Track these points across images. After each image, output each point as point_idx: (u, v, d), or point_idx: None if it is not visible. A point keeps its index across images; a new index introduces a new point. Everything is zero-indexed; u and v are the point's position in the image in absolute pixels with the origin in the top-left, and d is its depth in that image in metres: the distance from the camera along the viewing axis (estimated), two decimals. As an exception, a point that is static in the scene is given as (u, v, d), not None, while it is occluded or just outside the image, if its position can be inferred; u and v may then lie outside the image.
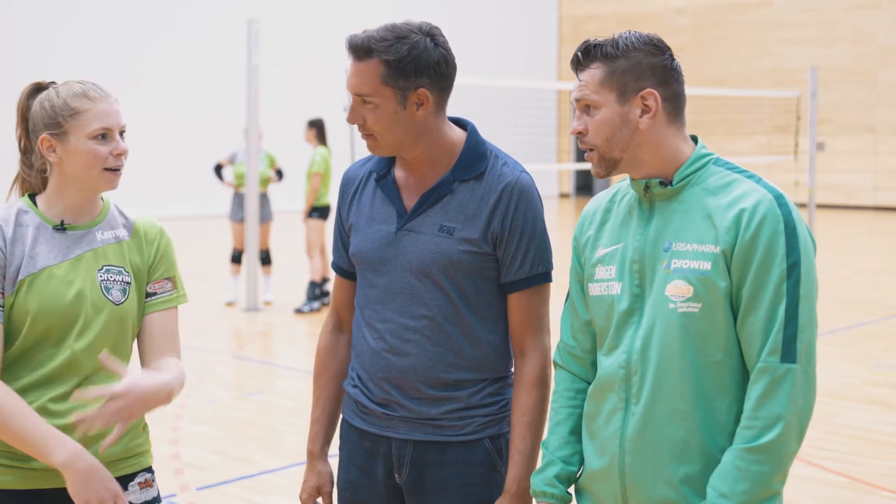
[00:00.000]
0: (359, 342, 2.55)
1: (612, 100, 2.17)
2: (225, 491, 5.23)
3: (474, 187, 2.45)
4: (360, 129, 2.42)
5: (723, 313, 2.10)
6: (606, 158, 2.20)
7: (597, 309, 2.27)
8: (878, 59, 22.80)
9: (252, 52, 10.60)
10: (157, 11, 20.57)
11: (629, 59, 2.16)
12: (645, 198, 2.21)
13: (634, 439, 2.17)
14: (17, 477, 2.40)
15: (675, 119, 2.20)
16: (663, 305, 2.14)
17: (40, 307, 2.38)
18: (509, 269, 2.46)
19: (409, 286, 2.45)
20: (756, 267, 2.07)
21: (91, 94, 2.43)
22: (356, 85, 2.37)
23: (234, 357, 8.70)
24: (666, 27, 25.29)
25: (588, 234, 2.33)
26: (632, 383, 2.18)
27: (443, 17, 21.18)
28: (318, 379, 2.67)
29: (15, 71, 18.41)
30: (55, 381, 2.40)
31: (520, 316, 2.49)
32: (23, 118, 2.49)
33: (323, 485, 2.62)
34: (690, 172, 2.18)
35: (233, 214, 11.12)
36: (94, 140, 2.41)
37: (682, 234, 2.14)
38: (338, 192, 2.65)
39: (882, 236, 18.29)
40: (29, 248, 2.41)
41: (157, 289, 2.54)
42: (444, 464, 2.49)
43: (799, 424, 2.06)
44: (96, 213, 2.51)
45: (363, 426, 2.54)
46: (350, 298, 2.64)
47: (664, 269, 2.15)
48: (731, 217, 2.09)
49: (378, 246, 2.48)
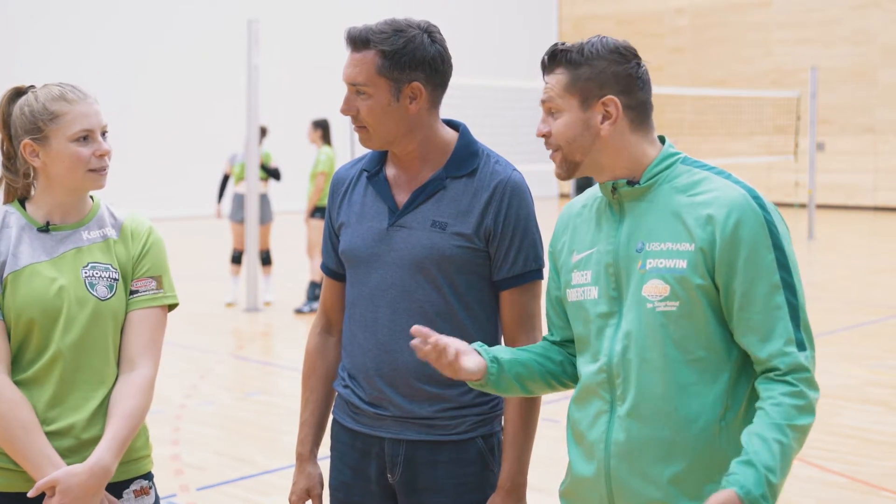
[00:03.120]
0: (350, 341, 2.55)
1: (575, 105, 2.19)
2: (225, 491, 5.23)
3: (466, 184, 2.47)
4: (353, 120, 2.44)
5: (701, 310, 2.11)
6: (568, 161, 2.23)
7: (575, 315, 2.28)
8: (878, 59, 22.80)
9: (252, 52, 10.60)
10: (156, 11, 20.56)
11: (592, 67, 2.18)
12: (613, 199, 2.22)
13: (620, 442, 2.17)
14: (11, 479, 2.40)
15: (640, 126, 2.22)
16: (641, 306, 2.14)
17: (23, 303, 2.38)
18: (502, 267, 2.47)
19: (401, 282, 2.45)
20: (744, 262, 2.08)
21: (69, 96, 2.42)
22: (351, 74, 2.40)
23: (234, 357, 8.70)
24: (666, 27, 25.29)
25: (563, 240, 2.34)
26: (615, 385, 2.18)
27: (443, 17, 21.16)
28: (308, 381, 2.67)
29: (14, 70, 18.40)
30: (41, 380, 2.40)
31: (512, 313, 2.51)
32: (4, 124, 2.48)
33: (312, 487, 2.62)
34: (658, 171, 2.20)
35: (233, 215, 11.12)
36: (76, 142, 2.41)
37: (654, 234, 2.15)
38: (328, 191, 2.66)
39: (882, 236, 18.29)
40: (13, 247, 2.42)
41: (139, 286, 2.51)
42: (437, 463, 2.49)
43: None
44: (84, 213, 2.51)
45: (355, 427, 2.54)
46: (339, 300, 2.64)
47: (639, 269, 2.15)
48: (706, 215, 2.11)
49: (369, 242, 2.48)
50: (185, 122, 20.79)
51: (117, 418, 2.40)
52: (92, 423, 2.42)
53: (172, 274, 2.60)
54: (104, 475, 2.35)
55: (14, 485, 2.40)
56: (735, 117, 22.09)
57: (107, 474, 2.36)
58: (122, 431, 2.39)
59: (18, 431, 2.33)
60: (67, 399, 2.41)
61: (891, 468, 5.56)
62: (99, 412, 2.43)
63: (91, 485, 2.33)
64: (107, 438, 2.38)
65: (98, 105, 2.47)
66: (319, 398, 2.65)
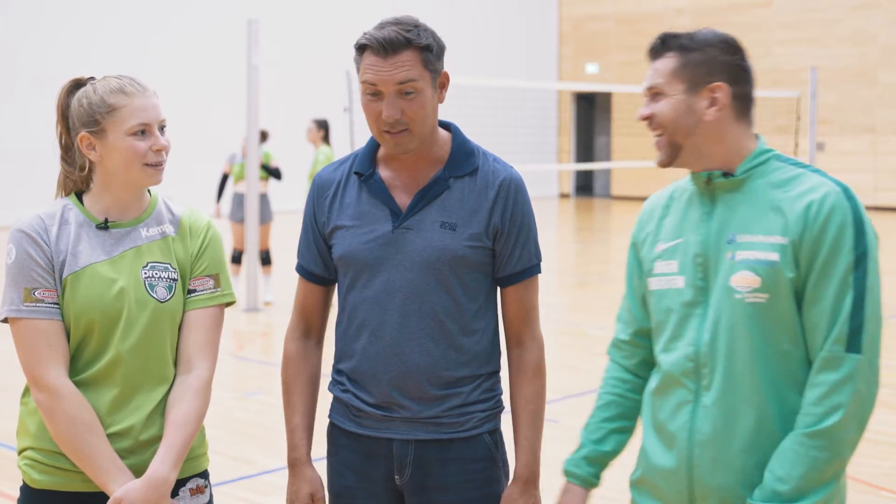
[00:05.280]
0: (351, 346, 2.52)
1: (681, 89, 2.21)
2: (225, 491, 5.23)
3: (469, 183, 2.48)
4: (396, 124, 2.39)
5: (789, 304, 2.13)
6: (671, 143, 2.23)
7: (657, 303, 2.30)
8: (878, 59, 22.79)
9: (252, 52, 10.59)
10: (156, 11, 20.56)
11: (703, 53, 2.21)
12: (707, 190, 2.24)
13: (705, 431, 2.18)
14: (61, 479, 2.39)
15: (742, 117, 2.24)
16: (729, 296, 2.16)
17: (83, 305, 2.35)
18: (508, 263, 2.50)
19: (410, 284, 2.45)
20: (824, 257, 2.09)
21: (128, 89, 2.39)
22: (400, 76, 2.35)
23: (234, 357, 8.70)
24: (666, 27, 25.14)
25: (647, 231, 2.36)
26: (702, 375, 2.19)
27: (443, 17, 21.17)
28: (293, 385, 2.61)
29: (14, 70, 18.43)
30: (100, 383, 2.38)
31: (517, 308, 2.54)
32: (62, 116, 2.45)
33: (316, 490, 2.58)
34: (754, 165, 2.22)
35: (232, 214, 11.12)
36: (133, 136, 2.38)
37: (747, 226, 2.17)
38: (309, 197, 2.59)
39: (882, 236, 18.18)
40: (72, 245, 2.38)
41: (197, 286, 2.49)
42: (446, 461, 2.49)
43: (860, 414, 2.09)
44: (142, 209, 2.48)
45: (358, 430, 2.53)
46: (321, 303, 2.62)
47: (729, 259, 2.17)
48: (800, 208, 2.12)
49: (374, 246, 2.46)
50: (184, 121, 20.76)
51: (174, 426, 2.39)
52: (150, 424, 2.41)
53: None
54: (165, 486, 2.35)
55: (72, 485, 2.39)
56: (735, 117, 22.07)
57: (167, 485, 2.35)
58: (179, 439, 2.38)
59: (83, 432, 2.32)
60: (129, 402, 2.40)
61: (891, 468, 5.56)
62: (156, 413, 2.42)
63: (153, 497, 2.32)
64: (164, 448, 2.37)
65: (157, 99, 2.44)
66: (307, 402, 2.62)
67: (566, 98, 27.10)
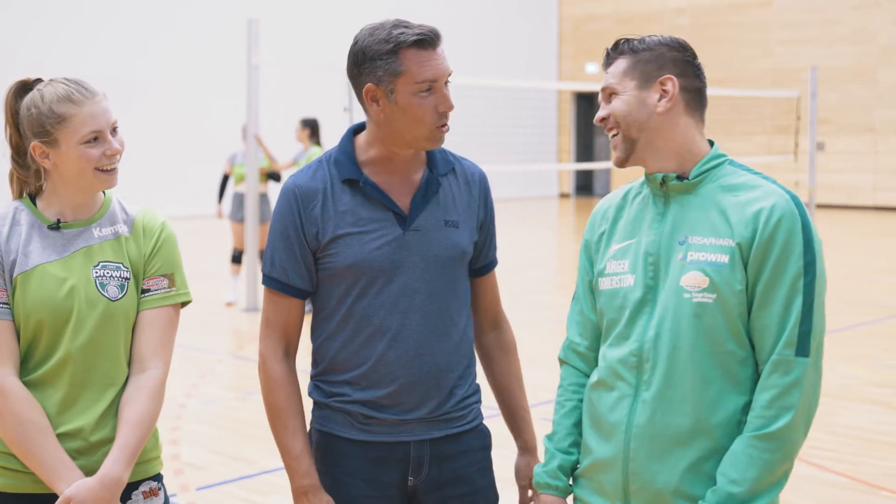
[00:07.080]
0: (359, 354, 2.47)
1: (633, 87, 2.27)
2: (225, 491, 5.23)
3: (454, 181, 2.53)
4: (441, 118, 2.40)
5: (735, 305, 2.17)
6: (625, 138, 2.28)
7: (607, 302, 2.33)
8: (878, 59, 22.79)
9: (252, 52, 10.60)
10: (156, 11, 20.56)
11: (653, 52, 2.28)
12: (660, 192, 2.28)
13: (642, 425, 2.22)
14: (15, 480, 2.38)
15: (694, 112, 2.29)
16: (677, 295, 2.20)
17: (32, 305, 2.35)
18: (486, 253, 2.61)
19: (427, 285, 2.45)
20: (773, 262, 2.14)
21: (75, 96, 2.36)
22: (449, 66, 2.42)
23: (234, 357, 8.70)
24: (666, 27, 25.26)
25: (601, 231, 2.40)
26: (643, 370, 2.23)
27: (443, 17, 21.17)
28: (287, 410, 2.50)
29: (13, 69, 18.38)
30: (49, 383, 2.38)
31: (492, 294, 2.68)
32: (12, 119, 2.43)
33: None
34: (707, 169, 2.27)
35: (233, 214, 11.13)
36: (86, 144, 2.36)
37: (698, 228, 2.22)
38: (287, 207, 2.45)
39: (882, 236, 18.28)
40: (22, 246, 2.38)
41: (150, 285, 2.46)
42: (459, 454, 2.54)
43: (807, 416, 2.15)
44: (95, 209, 2.47)
45: (367, 437, 2.48)
46: (301, 319, 2.57)
47: (680, 260, 2.21)
48: (750, 214, 2.17)
49: (388, 250, 2.43)
50: (184, 121, 20.78)
51: (127, 426, 2.37)
52: (101, 425, 2.40)
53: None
54: (116, 486, 2.34)
55: (23, 486, 2.38)
56: (735, 117, 22.09)
57: (119, 485, 2.34)
58: (132, 440, 2.37)
59: (32, 433, 2.31)
60: (77, 402, 2.39)
61: (891, 468, 5.56)
62: (108, 414, 2.41)
63: (104, 497, 2.32)
64: (117, 448, 2.36)
65: (106, 101, 2.41)
66: (303, 425, 2.54)
67: (566, 98, 27.10)
